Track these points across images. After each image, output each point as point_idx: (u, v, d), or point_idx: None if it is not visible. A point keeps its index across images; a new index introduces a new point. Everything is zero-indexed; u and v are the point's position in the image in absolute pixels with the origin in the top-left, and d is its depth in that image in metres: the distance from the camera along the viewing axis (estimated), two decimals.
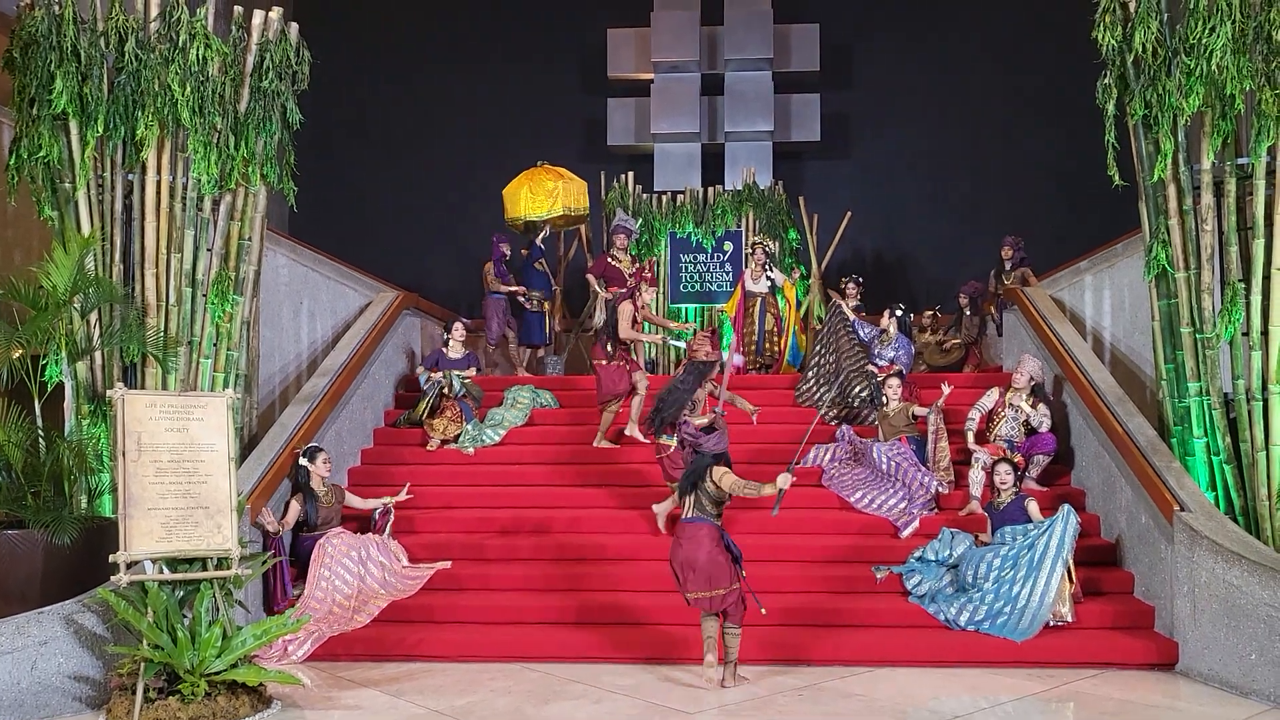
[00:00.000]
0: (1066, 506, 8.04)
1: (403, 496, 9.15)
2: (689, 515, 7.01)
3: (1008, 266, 12.90)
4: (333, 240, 13.78)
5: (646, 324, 10.91)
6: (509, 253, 13.34)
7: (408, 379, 12.10)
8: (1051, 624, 7.75)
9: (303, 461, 8.81)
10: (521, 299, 12.79)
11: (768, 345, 12.81)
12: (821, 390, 11.31)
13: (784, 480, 6.86)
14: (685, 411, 8.83)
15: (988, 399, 9.98)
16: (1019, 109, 16.41)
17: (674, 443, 8.88)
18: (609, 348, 10.42)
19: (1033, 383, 9.86)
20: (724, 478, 6.91)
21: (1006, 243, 13.09)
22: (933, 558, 8.47)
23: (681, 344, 11.73)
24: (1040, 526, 8.03)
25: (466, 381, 11.22)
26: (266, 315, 9.99)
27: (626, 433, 10.60)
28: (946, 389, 9.94)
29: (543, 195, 13.40)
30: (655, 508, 9.12)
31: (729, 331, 12.86)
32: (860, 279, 13.11)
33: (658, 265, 14.44)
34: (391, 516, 9.01)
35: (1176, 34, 8.03)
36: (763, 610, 6.98)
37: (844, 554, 8.85)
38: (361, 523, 9.12)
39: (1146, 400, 9.50)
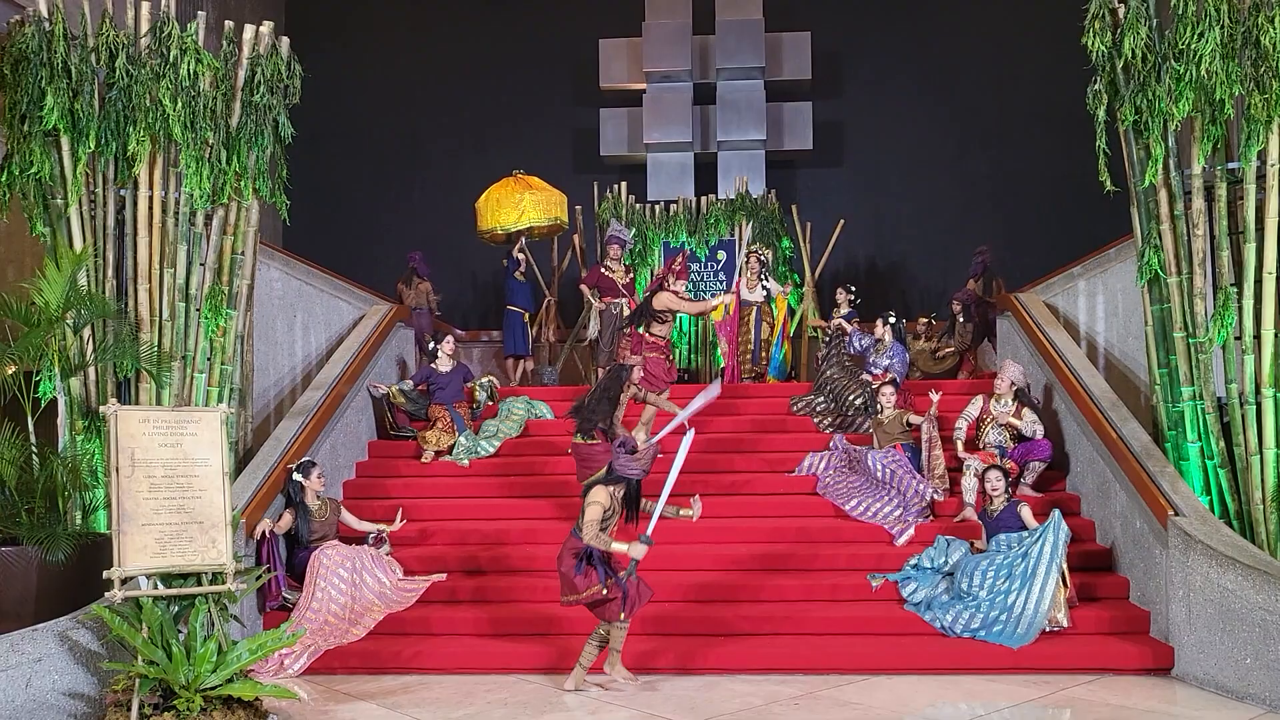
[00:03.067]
0: (1056, 513, 8.05)
1: (397, 526, 9.05)
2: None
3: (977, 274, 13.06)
4: (326, 253, 13.77)
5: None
6: (418, 267, 13.44)
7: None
8: (1047, 630, 7.75)
9: (296, 476, 8.79)
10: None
11: (763, 355, 12.82)
12: (818, 400, 11.33)
13: (637, 550, 6.98)
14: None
15: (973, 407, 9.99)
16: (1011, 115, 16.44)
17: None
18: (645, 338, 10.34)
19: (1015, 388, 9.87)
20: (589, 509, 7.04)
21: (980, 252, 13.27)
22: (928, 565, 8.47)
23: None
24: (1033, 534, 8.04)
25: (483, 382, 11.49)
26: (260, 329, 9.98)
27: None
28: (935, 397, 9.95)
29: (509, 207, 13.43)
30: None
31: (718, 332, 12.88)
32: (853, 288, 13.13)
33: (651, 275, 14.45)
34: (387, 546, 8.96)
35: (1166, 40, 8.07)
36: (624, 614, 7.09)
37: (839, 562, 8.85)
38: (357, 538, 9.09)
39: (1140, 405, 9.52)
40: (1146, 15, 8.18)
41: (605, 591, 7.00)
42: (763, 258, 13.15)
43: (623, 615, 7.07)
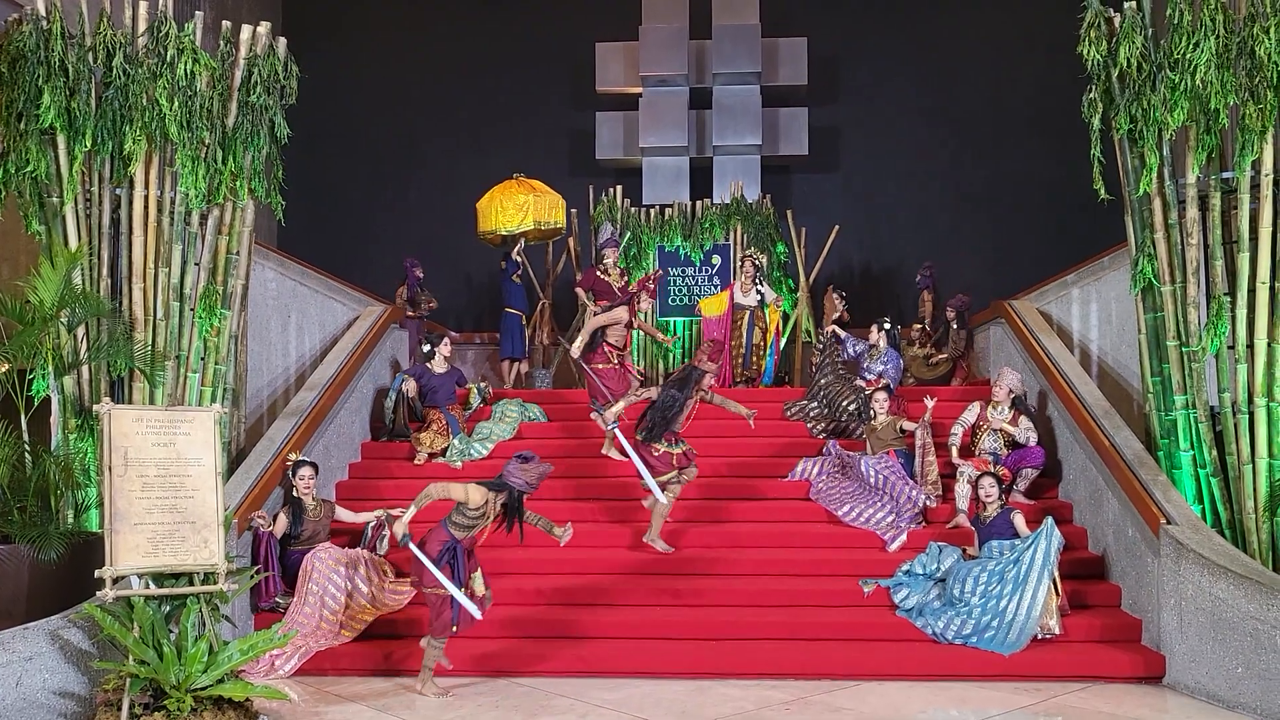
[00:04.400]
0: (1049, 520, 8.06)
1: (398, 512, 9.04)
2: None
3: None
4: (321, 254, 13.74)
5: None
6: (422, 275, 13.40)
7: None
8: (1039, 637, 7.77)
9: (287, 471, 8.82)
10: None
11: (754, 359, 12.84)
12: (811, 405, 11.34)
13: (398, 527, 7.22)
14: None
15: (969, 413, 10.01)
16: (1006, 123, 16.47)
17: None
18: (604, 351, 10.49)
19: (1012, 395, 9.88)
20: (450, 486, 7.22)
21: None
22: (920, 571, 8.47)
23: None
24: (1025, 541, 8.05)
25: (480, 386, 11.58)
26: (254, 329, 9.97)
27: (603, 451, 10.62)
28: (930, 403, 9.96)
29: (512, 209, 13.43)
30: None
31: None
32: (844, 293, 13.16)
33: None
34: (386, 531, 8.97)
35: (1161, 49, 8.10)
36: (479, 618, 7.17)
37: (831, 567, 8.86)
38: (353, 537, 9.09)
39: (1133, 413, 9.53)
40: (1142, 25, 8.21)
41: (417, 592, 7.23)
42: (757, 262, 13.17)
43: (454, 629, 7.16)
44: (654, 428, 9.00)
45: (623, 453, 9.32)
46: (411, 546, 7.13)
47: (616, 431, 9.31)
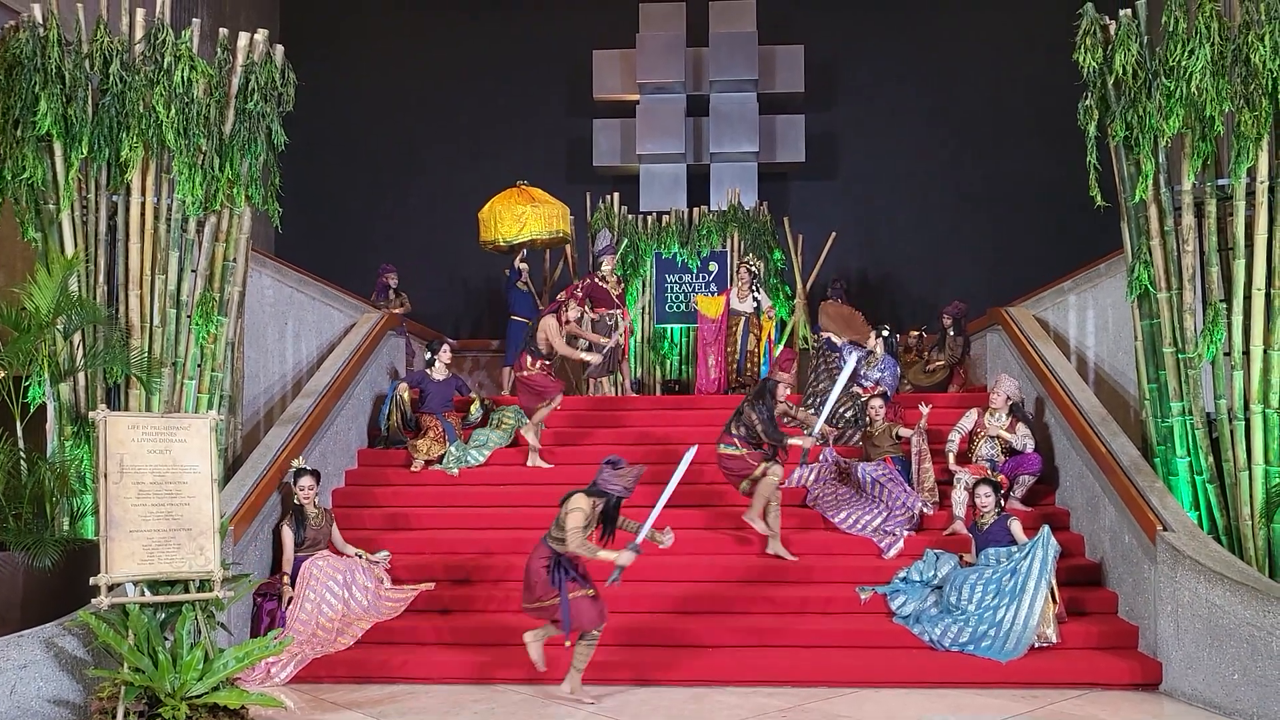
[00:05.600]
0: (1045, 529, 8.06)
1: (378, 559, 8.95)
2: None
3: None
4: (319, 261, 13.76)
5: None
6: (394, 283, 13.37)
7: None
8: (1036, 646, 7.76)
9: (286, 478, 8.81)
10: None
11: (749, 365, 12.85)
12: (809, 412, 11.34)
13: (625, 558, 7.01)
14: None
15: (967, 420, 10.01)
16: (1002, 130, 16.51)
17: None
18: (531, 360, 10.59)
19: (1010, 402, 9.89)
20: (570, 515, 7.01)
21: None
22: (917, 578, 8.47)
23: None
24: (1022, 550, 8.05)
25: (484, 401, 11.59)
26: (251, 336, 9.97)
27: (529, 462, 10.68)
28: (925, 409, 9.96)
29: (510, 219, 13.46)
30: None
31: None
32: (843, 284, 13.18)
33: (644, 286, 14.47)
34: (382, 554, 8.97)
35: (1156, 56, 8.11)
36: (567, 643, 7.16)
37: (828, 574, 8.85)
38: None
39: (1130, 420, 9.53)
40: (1137, 32, 8.22)
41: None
42: (753, 269, 13.19)
43: (566, 634, 7.11)
44: (770, 437, 9.16)
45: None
46: (628, 556, 7.04)
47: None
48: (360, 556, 8.85)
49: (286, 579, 8.42)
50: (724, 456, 9.26)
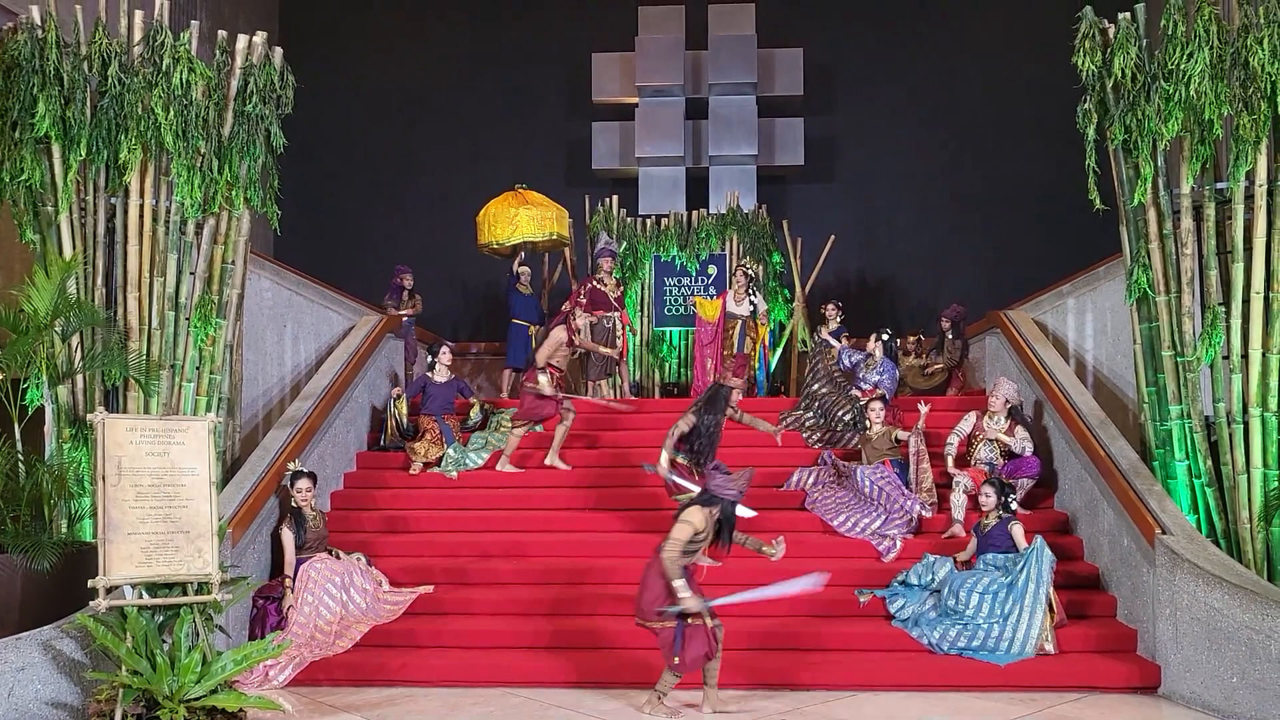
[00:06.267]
0: (1039, 541, 8.03)
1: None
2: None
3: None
4: (318, 263, 13.77)
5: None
6: (409, 284, 13.38)
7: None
8: (1034, 656, 7.75)
9: (284, 481, 8.80)
10: None
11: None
12: (806, 415, 11.34)
13: (691, 604, 6.67)
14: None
15: (965, 423, 10.00)
16: (1002, 133, 16.52)
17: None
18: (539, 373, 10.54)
19: (1008, 405, 9.88)
20: (678, 526, 6.75)
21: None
22: (915, 582, 8.47)
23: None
24: (1017, 563, 8.02)
25: (484, 406, 11.58)
26: (250, 339, 9.96)
27: (547, 462, 10.66)
28: (924, 409, 9.96)
29: (504, 222, 13.50)
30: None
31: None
32: (840, 303, 13.18)
33: (643, 289, 14.48)
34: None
35: (1155, 60, 8.11)
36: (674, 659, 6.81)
37: (832, 577, 8.83)
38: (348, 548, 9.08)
39: (1129, 423, 9.53)
40: (1136, 35, 8.22)
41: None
42: (749, 272, 13.19)
43: (674, 660, 6.79)
44: (703, 453, 9.07)
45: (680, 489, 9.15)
46: (697, 603, 6.72)
47: (673, 478, 9.07)
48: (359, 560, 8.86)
49: (289, 581, 8.40)
50: (668, 484, 9.07)
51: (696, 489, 8.65)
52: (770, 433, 9.64)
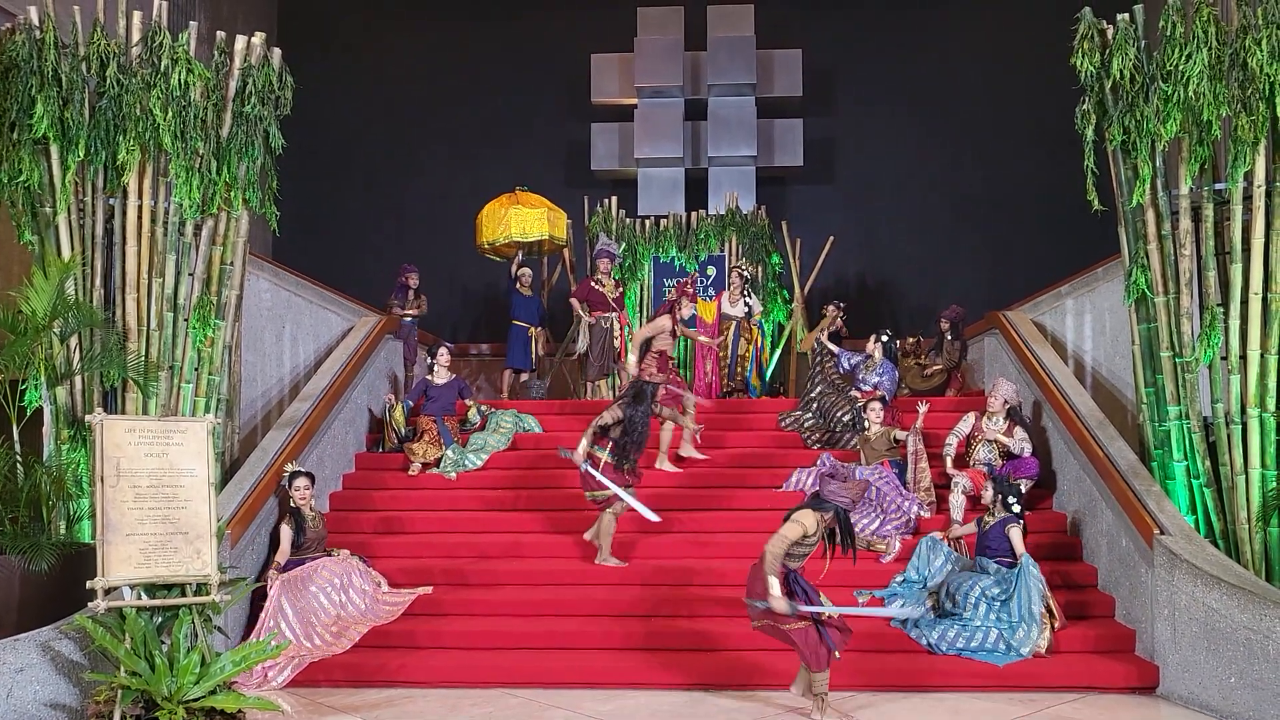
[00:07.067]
0: (1025, 560, 7.98)
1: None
2: None
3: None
4: (316, 265, 13.78)
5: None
6: (415, 284, 13.37)
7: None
8: (1030, 657, 7.75)
9: (282, 482, 8.80)
10: None
11: (739, 369, 12.87)
12: (806, 416, 11.35)
13: (779, 605, 6.51)
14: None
15: (964, 424, 10.00)
16: (1000, 134, 16.52)
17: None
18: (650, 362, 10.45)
19: (1007, 406, 9.88)
20: (787, 525, 6.62)
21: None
22: (914, 576, 8.48)
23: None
24: (1010, 579, 7.99)
25: (484, 410, 11.54)
26: (248, 340, 9.97)
27: (683, 454, 10.58)
28: (923, 408, 9.96)
29: (494, 223, 13.56)
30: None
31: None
32: (842, 304, 13.18)
33: (641, 290, 14.48)
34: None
35: (1154, 61, 8.12)
36: (837, 654, 6.76)
37: (825, 578, 8.81)
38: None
39: (1127, 424, 9.54)
40: (1135, 36, 8.23)
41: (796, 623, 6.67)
42: (745, 273, 13.20)
43: (836, 654, 6.73)
44: (628, 451, 9.04)
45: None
46: (800, 608, 6.62)
47: (588, 469, 9.04)
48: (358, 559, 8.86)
49: (276, 568, 8.36)
50: (583, 474, 9.05)
51: (615, 487, 8.72)
52: (690, 430, 9.89)
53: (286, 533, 8.56)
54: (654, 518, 8.60)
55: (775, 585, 6.54)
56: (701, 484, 10.11)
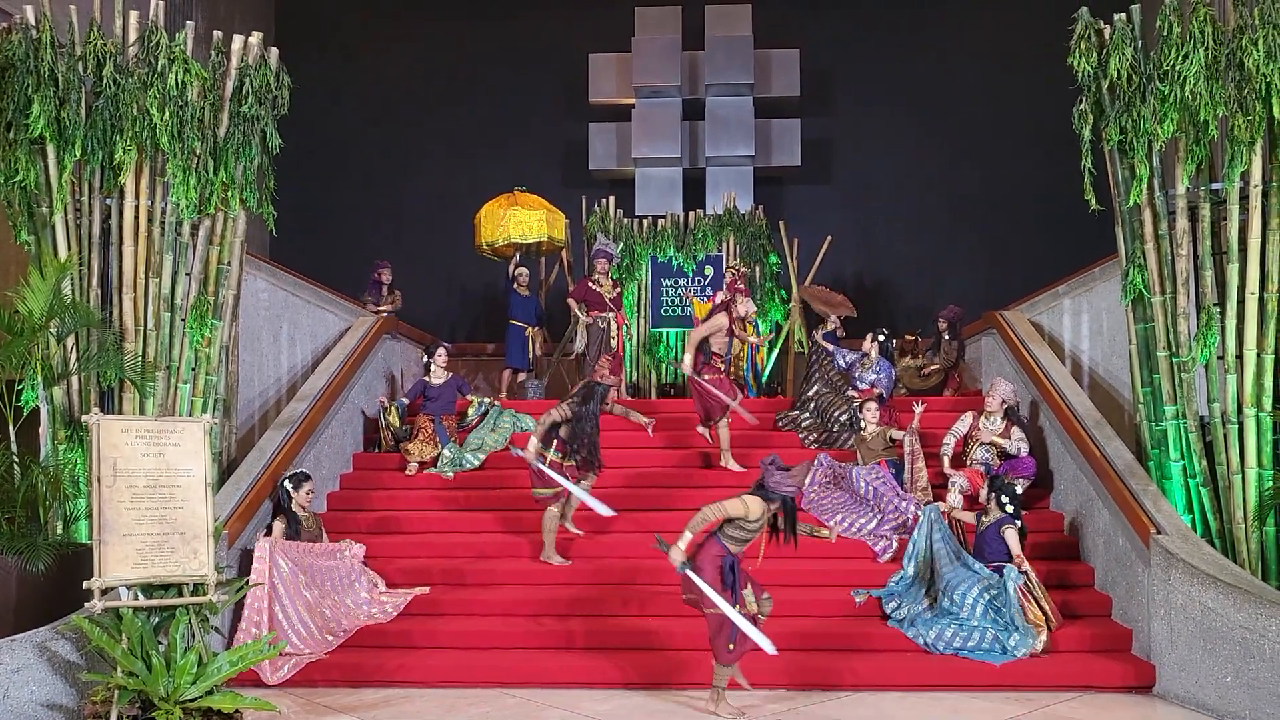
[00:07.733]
0: (1008, 571, 7.97)
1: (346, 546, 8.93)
2: None
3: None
4: (313, 265, 13.74)
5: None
6: (387, 279, 13.29)
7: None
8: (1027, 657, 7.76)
9: (286, 485, 8.77)
10: None
11: (733, 369, 12.85)
12: (803, 415, 11.35)
13: (675, 556, 6.64)
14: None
15: (962, 423, 10.01)
16: (998, 134, 16.52)
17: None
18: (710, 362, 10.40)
19: (1005, 406, 9.89)
20: (727, 502, 6.68)
21: None
22: (911, 570, 8.48)
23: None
24: (997, 585, 7.98)
25: (487, 402, 11.56)
26: (246, 339, 9.96)
27: (721, 464, 10.53)
28: (919, 409, 9.97)
29: (492, 224, 13.58)
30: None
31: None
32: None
33: (639, 289, 14.47)
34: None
35: (1150, 61, 8.13)
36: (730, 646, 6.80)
37: (823, 577, 8.85)
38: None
39: (1124, 423, 9.54)
40: (1132, 36, 8.24)
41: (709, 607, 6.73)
42: (739, 273, 13.18)
43: (730, 647, 6.77)
44: (579, 448, 9.06)
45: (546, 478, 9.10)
46: (690, 574, 6.68)
47: (539, 465, 9.03)
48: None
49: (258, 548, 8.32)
50: (534, 471, 9.06)
51: (565, 482, 8.75)
52: (642, 424, 9.83)
53: (277, 527, 8.57)
54: (607, 512, 8.50)
55: (684, 539, 6.63)
56: (698, 484, 10.09)
